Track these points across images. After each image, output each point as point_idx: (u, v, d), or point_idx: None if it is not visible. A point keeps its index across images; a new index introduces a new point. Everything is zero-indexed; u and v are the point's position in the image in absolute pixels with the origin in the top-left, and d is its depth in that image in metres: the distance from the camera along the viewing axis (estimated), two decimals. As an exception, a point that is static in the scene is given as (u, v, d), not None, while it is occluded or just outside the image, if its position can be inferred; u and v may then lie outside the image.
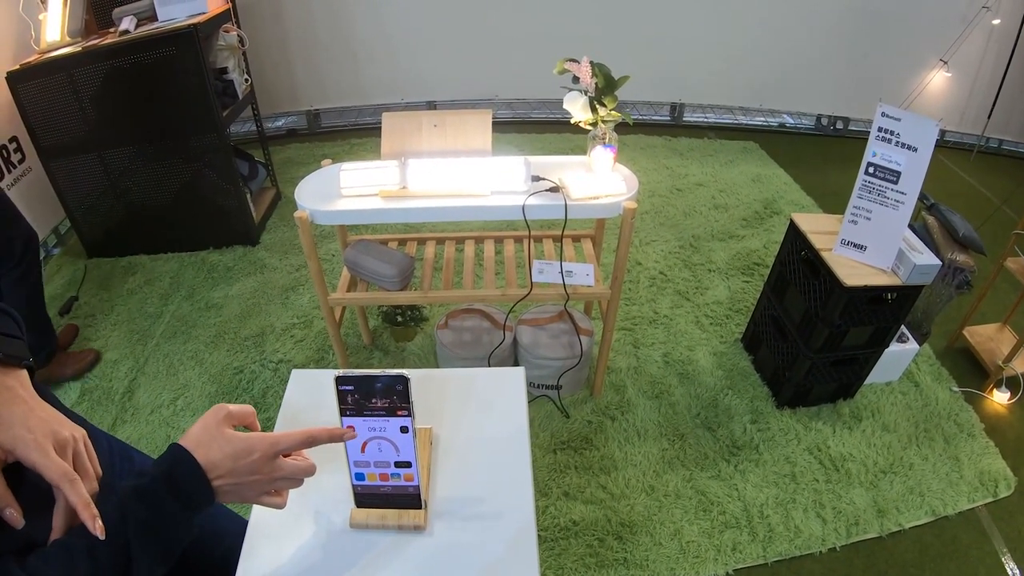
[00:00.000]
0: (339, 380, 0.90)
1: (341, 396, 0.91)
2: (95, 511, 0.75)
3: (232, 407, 0.88)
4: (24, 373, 0.83)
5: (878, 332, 2.39)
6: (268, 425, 2.46)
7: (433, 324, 2.86)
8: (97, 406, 2.62)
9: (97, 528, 0.73)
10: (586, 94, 2.04)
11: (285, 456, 0.88)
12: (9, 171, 3.12)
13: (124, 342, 2.94)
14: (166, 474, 0.80)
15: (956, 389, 2.75)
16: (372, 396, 0.90)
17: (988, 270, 2.97)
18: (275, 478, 0.87)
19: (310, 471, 0.90)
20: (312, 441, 0.89)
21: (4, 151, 3.09)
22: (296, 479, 0.90)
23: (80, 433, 0.83)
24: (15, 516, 0.75)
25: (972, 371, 2.85)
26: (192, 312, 3.12)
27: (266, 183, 3.96)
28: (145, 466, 1.13)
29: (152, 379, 2.75)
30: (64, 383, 2.73)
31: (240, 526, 1.19)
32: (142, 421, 2.57)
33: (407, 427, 0.93)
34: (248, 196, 3.50)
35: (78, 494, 0.75)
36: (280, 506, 0.90)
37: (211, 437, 0.83)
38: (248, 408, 0.91)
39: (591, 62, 2.00)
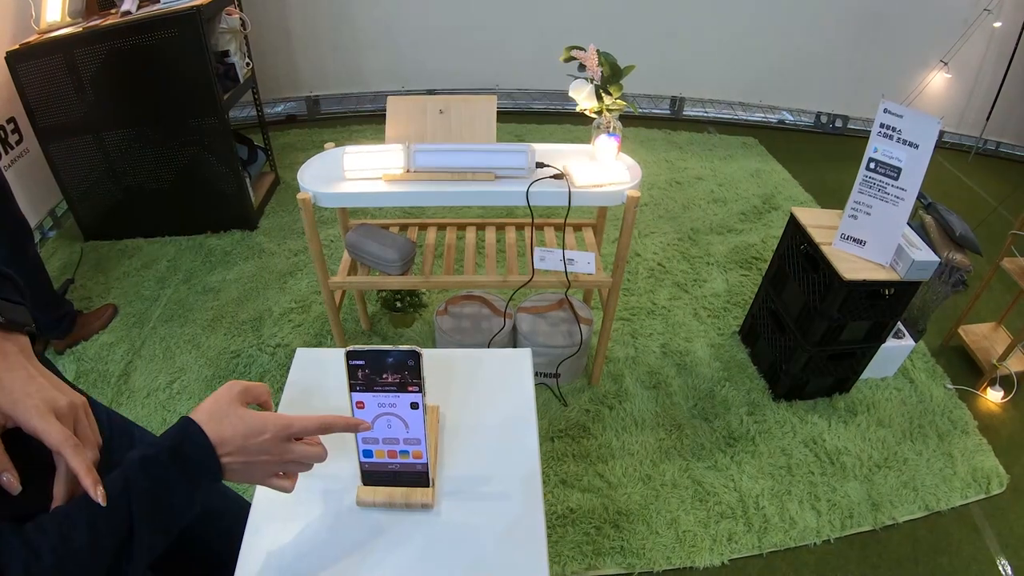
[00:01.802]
0: (350, 355, 0.89)
1: (351, 371, 0.90)
2: (97, 477, 0.73)
3: (247, 383, 0.87)
4: (25, 339, 0.82)
5: (875, 327, 2.40)
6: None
7: (432, 310, 2.86)
8: (92, 388, 2.61)
9: (99, 495, 0.72)
10: (592, 82, 2.04)
11: (297, 440, 0.87)
12: (6, 152, 3.09)
13: (120, 325, 2.93)
14: (174, 447, 0.78)
15: (950, 386, 2.76)
16: (383, 371, 0.89)
17: (984, 270, 2.99)
18: (285, 460, 0.86)
19: (321, 457, 0.89)
20: (327, 429, 0.88)
21: (2, 132, 3.06)
22: (306, 463, 0.89)
23: (80, 400, 0.81)
24: (12, 481, 0.73)
25: (966, 369, 2.87)
26: (189, 296, 3.11)
27: (265, 168, 3.95)
28: (145, 439, 1.13)
29: (148, 362, 2.74)
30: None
31: (240, 506, 1.19)
32: (138, 404, 2.56)
33: (417, 403, 0.92)
34: (247, 180, 3.48)
35: (80, 459, 0.73)
36: (288, 490, 0.89)
37: (223, 413, 0.82)
38: (263, 386, 0.90)
39: (597, 50, 2.00)
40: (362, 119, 4.85)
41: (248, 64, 3.56)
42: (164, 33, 2.89)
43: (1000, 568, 2.14)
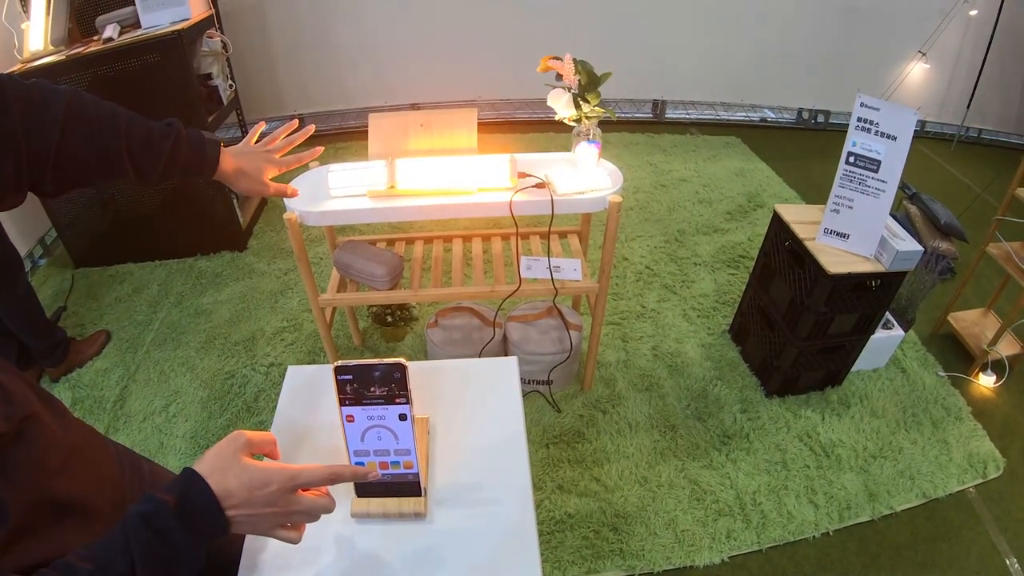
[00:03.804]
0: (338, 370, 0.90)
1: (340, 386, 0.91)
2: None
3: (252, 434, 0.84)
4: None
5: (863, 319, 2.42)
6: (263, 428, 2.47)
7: (422, 324, 2.87)
8: (89, 415, 2.62)
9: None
10: (569, 91, 2.06)
11: (304, 491, 0.84)
12: (-7, 182, 3.09)
13: (114, 350, 2.93)
14: (177, 501, 0.75)
15: (942, 374, 2.78)
16: (371, 384, 0.91)
17: (970, 257, 3.01)
18: (291, 512, 0.83)
19: (329, 508, 0.86)
20: (334, 479, 0.86)
21: (-12, 162, 3.06)
22: (313, 514, 0.86)
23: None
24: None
25: (958, 356, 2.89)
26: (181, 319, 3.11)
27: (252, 189, 3.94)
28: (155, 474, 1.13)
29: (143, 386, 2.75)
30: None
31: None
32: (135, 428, 2.56)
33: (406, 414, 0.93)
34: (235, 202, 3.49)
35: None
36: (295, 541, 0.85)
37: (227, 464, 0.80)
38: (268, 436, 0.88)
39: (574, 59, 2.02)
40: (346, 136, 4.86)
41: (231, 86, 3.58)
42: (146, 58, 2.90)
43: (1000, 551, 2.16)
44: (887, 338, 2.67)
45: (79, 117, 1.02)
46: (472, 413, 1.21)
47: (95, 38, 3.08)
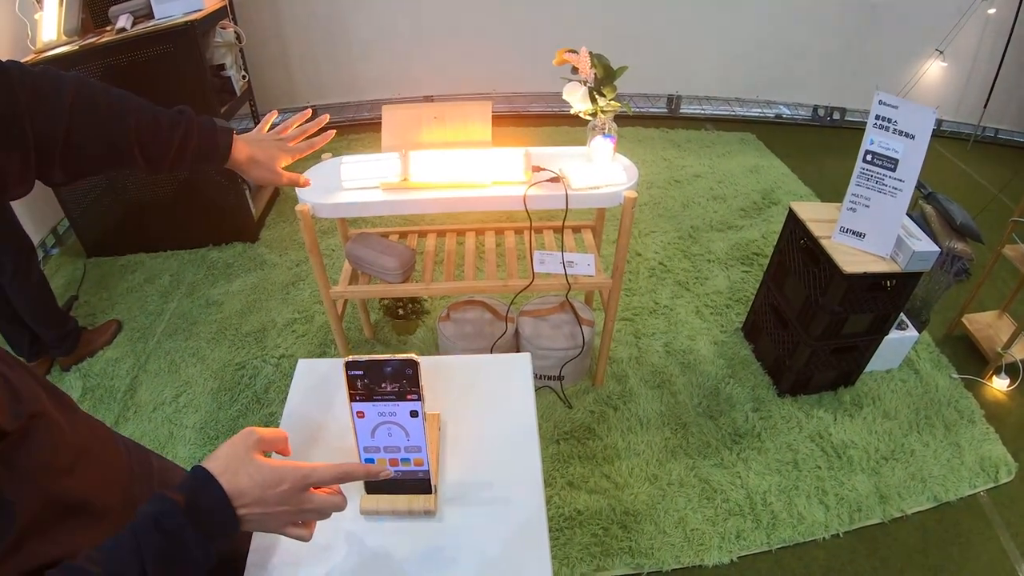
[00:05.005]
0: (348, 365, 0.89)
1: (350, 381, 0.90)
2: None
3: (264, 431, 0.84)
4: None
5: (877, 319, 2.40)
6: (273, 420, 2.47)
7: (434, 317, 2.87)
8: (99, 404, 2.62)
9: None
10: (585, 84, 2.04)
11: (316, 488, 0.84)
12: (7, 171, 3.10)
13: (125, 340, 2.94)
14: (188, 500, 0.74)
15: (956, 376, 2.76)
16: (382, 381, 0.90)
17: (986, 258, 2.98)
18: (303, 510, 0.82)
19: (340, 506, 0.85)
20: (345, 478, 0.85)
21: (2, 151, 3.07)
22: (324, 512, 0.85)
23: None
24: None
25: (971, 358, 2.86)
26: (193, 309, 3.12)
27: (264, 180, 3.95)
28: (164, 470, 1.12)
29: (154, 376, 2.75)
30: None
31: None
32: (145, 418, 2.57)
33: (417, 411, 0.92)
34: (247, 193, 3.49)
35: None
36: (306, 538, 0.85)
37: (239, 463, 0.79)
38: (280, 433, 0.88)
39: (590, 52, 2.00)
40: (359, 128, 4.85)
41: (244, 77, 3.57)
42: (160, 48, 2.90)
43: (1011, 556, 2.14)
44: (901, 339, 2.65)
45: (87, 106, 0.99)
46: (484, 410, 1.20)
47: (108, 28, 3.08)
